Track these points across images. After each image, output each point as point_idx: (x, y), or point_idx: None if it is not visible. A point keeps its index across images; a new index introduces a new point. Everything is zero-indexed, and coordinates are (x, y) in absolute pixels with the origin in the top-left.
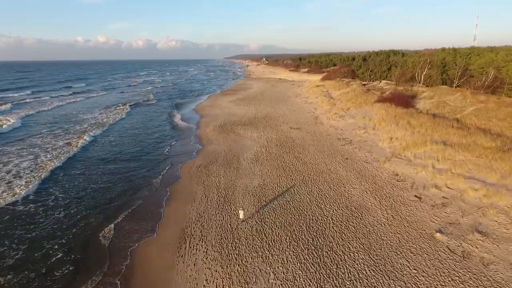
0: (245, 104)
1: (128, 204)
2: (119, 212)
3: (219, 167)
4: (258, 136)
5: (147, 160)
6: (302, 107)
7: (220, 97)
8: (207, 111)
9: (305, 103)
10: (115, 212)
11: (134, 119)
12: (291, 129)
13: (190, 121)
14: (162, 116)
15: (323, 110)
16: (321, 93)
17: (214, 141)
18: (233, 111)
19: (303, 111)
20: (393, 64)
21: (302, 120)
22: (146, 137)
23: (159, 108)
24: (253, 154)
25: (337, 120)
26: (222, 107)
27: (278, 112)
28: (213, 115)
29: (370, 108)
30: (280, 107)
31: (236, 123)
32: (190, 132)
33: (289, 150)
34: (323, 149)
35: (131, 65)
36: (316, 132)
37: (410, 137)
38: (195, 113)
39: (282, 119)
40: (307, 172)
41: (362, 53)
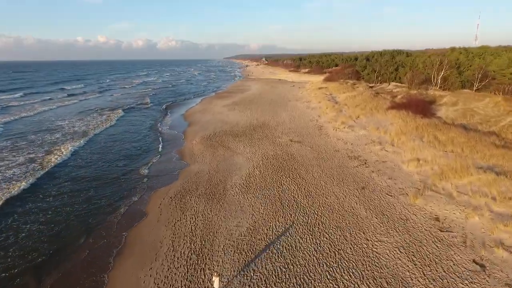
0: (241, 109)
1: (64, 262)
2: (49, 275)
3: (199, 198)
4: (252, 152)
5: (116, 185)
6: (303, 113)
7: (215, 100)
8: (197, 118)
9: (307, 109)
10: (41, 276)
11: (120, 127)
12: (292, 142)
13: (178, 129)
14: (150, 123)
15: (328, 118)
16: (324, 96)
17: (199, 158)
18: (226, 118)
19: (305, 119)
20: (400, 64)
21: (304, 130)
22: (125, 152)
23: (149, 113)
24: (244, 178)
25: (345, 131)
26: (214, 113)
27: (276, 120)
28: (204, 123)
29: (383, 116)
30: (279, 113)
31: (228, 133)
32: (175, 144)
33: (289, 173)
34: (331, 172)
35: (131, 65)
36: (321, 147)
37: (443, 159)
38: (184, 120)
39: (281, 129)
40: (313, 209)
41: (363, 53)
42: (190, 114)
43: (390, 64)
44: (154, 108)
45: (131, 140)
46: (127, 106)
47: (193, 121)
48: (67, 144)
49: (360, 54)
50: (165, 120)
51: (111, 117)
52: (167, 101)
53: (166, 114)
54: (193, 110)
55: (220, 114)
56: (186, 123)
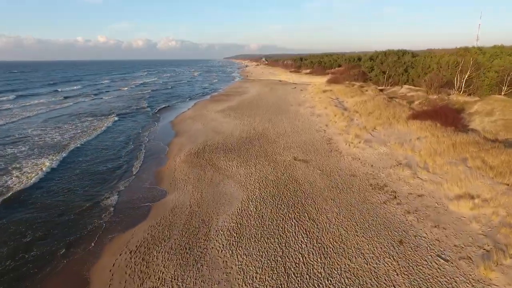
0: (237, 116)
1: None
2: None
3: (170, 253)
4: (247, 175)
5: (62, 227)
6: (308, 121)
7: (209, 104)
8: (187, 126)
9: (312, 115)
10: None
11: (102, 138)
12: (296, 161)
13: (164, 140)
14: (136, 132)
15: (337, 128)
16: (330, 101)
17: (181, 183)
18: (219, 126)
19: (310, 129)
20: (409, 65)
21: (310, 144)
22: (95, 174)
23: (140, 119)
24: (235, 218)
25: (361, 147)
26: (207, 120)
27: (277, 129)
28: (193, 133)
29: (405, 128)
30: (280, 121)
31: (220, 147)
32: (156, 161)
33: (294, 211)
34: (351, 212)
35: (131, 65)
36: (333, 170)
37: (508, 198)
38: (172, 128)
39: (282, 141)
40: (333, 283)
41: (364, 53)
42: (180, 121)
43: (398, 64)
44: (146, 113)
45: (108, 156)
46: (119, 111)
47: (182, 130)
48: (29, 163)
49: (364, 54)
50: (153, 128)
51: (98, 125)
52: (161, 105)
53: (156, 121)
54: (184, 116)
55: (213, 121)
56: (174, 132)
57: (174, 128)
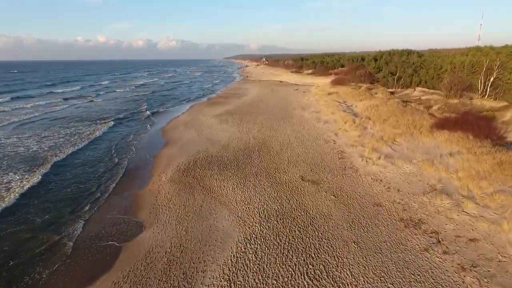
0: (235, 122)
1: None
2: None
3: None
4: (245, 201)
5: None
6: (314, 129)
7: (205, 107)
8: (179, 133)
9: (318, 122)
10: None
11: (81, 152)
12: (304, 183)
13: (151, 151)
14: (124, 142)
15: (349, 139)
16: (337, 105)
17: (163, 213)
18: (214, 135)
19: (317, 139)
20: (418, 65)
21: (319, 158)
22: (63, 199)
23: (133, 125)
24: (227, 273)
25: (381, 164)
26: (201, 126)
27: (280, 139)
28: (185, 142)
29: (430, 140)
30: (283, 129)
31: (214, 160)
32: (137, 180)
33: (305, 258)
34: (383, 263)
35: (132, 65)
36: (351, 195)
37: None
38: (162, 136)
39: (286, 154)
40: None
41: (364, 53)
42: (172, 128)
43: (406, 65)
44: (139, 118)
45: (84, 173)
46: (112, 116)
47: (173, 139)
48: None
49: (365, 54)
50: (142, 136)
51: (84, 132)
52: (157, 108)
53: (147, 127)
54: (177, 121)
55: (208, 128)
56: (164, 142)
57: (165, 136)
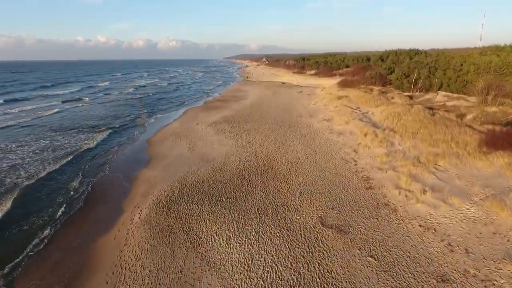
0: (232, 131)
1: None
2: None
3: None
4: (243, 263)
5: None
6: (327, 143)
7: (201, 113)
8: (167, 147)
9: (331, 133)
10: None
11: (42, 175)
12: (325, 230)
13: (130, 172)
14: (96, 156)
15: (374, 158)
16: (350, 112)
17: (125, 283)
18: (208, 149)
19: (333, 156)
20: (432, 66)
21: (339, 186)
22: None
23: (123, 133)
24: None
25: (429, 202)
26: (194, 138)
27: (286, 157)
28: (172, 160)
29: (487, 166)
30: (289, 142)
31: (205, 188)
32: (96, 222)
33: None
34: None
35: (133, 65)
36: (396, 257)
37: None
38: (147, 151)
39: (297, 182)
40: None
41: (365, 53)
42: (160, 139)
43: (420, 65)
44: (128, 125)
45: (35, 206)
46: (100, 124)
47: (158, 156)
48: None
49: (371, 54)
50: (122, 150)
51: (57, 147)
52: (149, 114)
53: (131, 138)
54: (167, 130)
55: (201, 140)
56: (147, 158)
57: (150, 150)
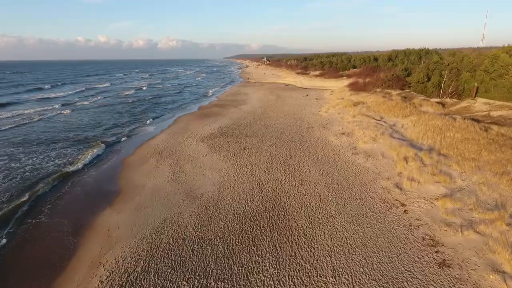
0: (230, 150)
1: None
2: None
3: None
4: None
5: None
6: (353, 169)
7: (193, 122)
8: (143, 173)
9: (355, 155)
10: None
11: None
12: None
13: (73, 223)
14: (40, 192)
15: (431, 202)
16: (374, 123)
17: None
18: (197, 178)
19: (367, 195)
20: (454, 67)
21: (391, 256)
22: None
23: (75, 154)
24: None
25: None
26: (180, 158)
27: (303, 193)
28: (146, 196)
29: None
30: (304, 169)
31: (186, 253)
32: None
33: None
34: None
35: (134, 66)
36: None
37: None
38: (115, 179)
39: (326, 245)
40: None
41: (365, 53)
42: (137, 160)
43: (441, 66)
44: (107, 137)
45: None
46: (74, 136)
47: (130, 186)
48: None
49: (377, 53)
50: (81, 178)
51: (16, 168)
52: (136, 123)
53: (106, 156)
54: (150, 146)
55: (190, 163)
56: (112, 191)
57: (122, 177)
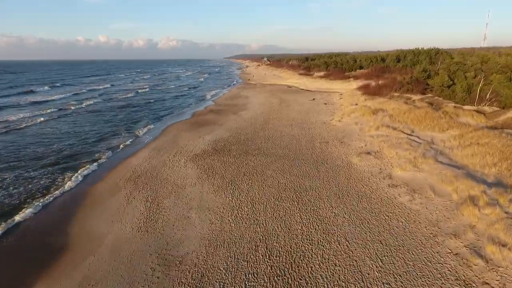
0: (225, 174)
1: None
2: None
3: None
4: None
5: None
6: (396, 215)
7: (184, 134)
8: (105, 217)
9: (392, 187)
10: None
11: None
12: None
13: None
14: None
15: None
16: (405, 139)
17: None
18: (178, 223)
19: (427, 263)
20: (478, 68)
21: None
22: None
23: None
24: None
25: None
26: (160, 189)
27: (330, 253)
28: (103, 256)
29: None
30: (324, 207)
31: None
32: None
33: None
34: None
35: (135, 66)
36: None
37: None
38: (67, 227)
39: None
40: None
41: (367, 53)
42: (104, 191)
43: (465, 68)
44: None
45: None
46: (49, 158)
47: (82, 238)
48: None
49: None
50: (32, 220)
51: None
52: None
53: (61, 184)
54: (125, 168)
55: (172, 196)
56: (58, 246)
57: (76, 220)
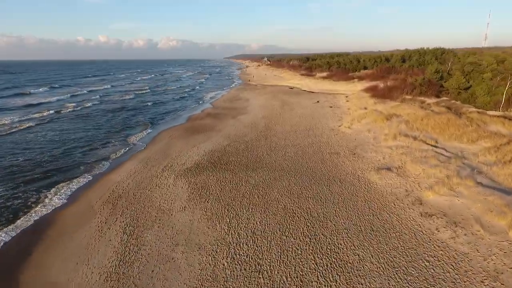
0: (221, 195)
1: None
2: None
3: None
4: None
5: None
6: (430, 251)
7: (177, 141)
8: (64, 260)
9: (423, 216)
10: None
11: None
12: None
13: None
14: None
15: None
16: (431, 152)
17: None
18: (157, 270)
19: None
20: (494, 69)
21: None
22: None
23: None
24: None
25: None
26: (142, 217)
27: None
28: None
29: None
30: (341, 236)
31: None
32: None
33: None
34: None
35: (135, 66)
36: None
37: None
38: (19, 269)
39: None
40: None
41: (367, 53)
42: (76, 216)
43: (479, 69)
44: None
45: None
46: (22, 175)
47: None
48: None
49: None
50: None
51: None
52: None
53: (17, 213)
54: (104, 188)
55: (155, 227)
56: None
57: (26, 265)
